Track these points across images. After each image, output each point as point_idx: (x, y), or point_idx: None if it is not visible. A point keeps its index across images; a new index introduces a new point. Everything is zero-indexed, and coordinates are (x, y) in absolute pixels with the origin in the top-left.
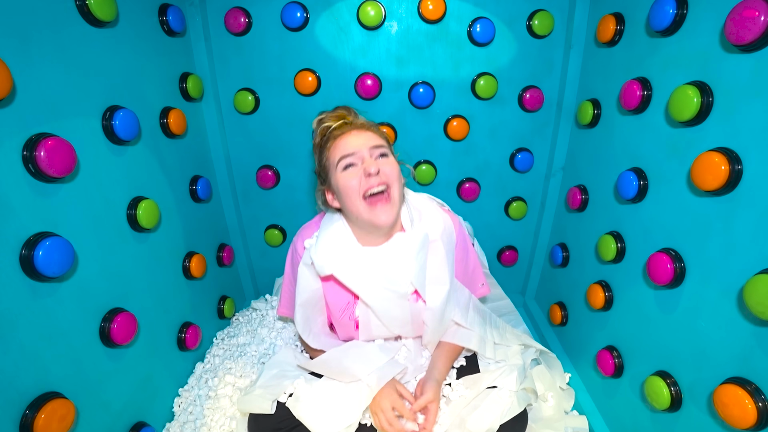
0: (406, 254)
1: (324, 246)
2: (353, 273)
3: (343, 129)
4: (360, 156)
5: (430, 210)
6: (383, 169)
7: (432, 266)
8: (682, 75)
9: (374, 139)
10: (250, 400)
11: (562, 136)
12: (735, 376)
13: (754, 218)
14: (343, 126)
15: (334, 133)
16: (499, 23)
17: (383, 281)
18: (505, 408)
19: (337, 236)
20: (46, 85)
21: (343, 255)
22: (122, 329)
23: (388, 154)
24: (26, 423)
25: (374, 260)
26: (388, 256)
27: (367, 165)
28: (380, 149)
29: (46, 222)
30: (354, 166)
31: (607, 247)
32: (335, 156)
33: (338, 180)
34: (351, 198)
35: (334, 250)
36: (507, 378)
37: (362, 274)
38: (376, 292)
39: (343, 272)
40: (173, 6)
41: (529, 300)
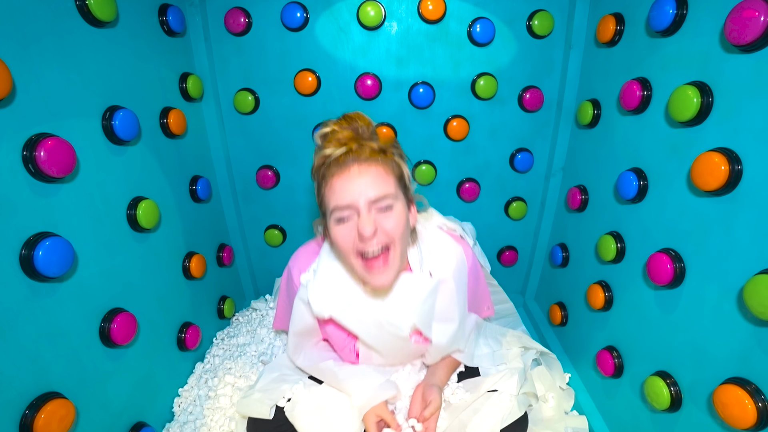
0: (412, 298)
1: (322, 287)
2: (353, 315)
3: (342, 166)
4: (356, 209)
5: (442, 245)
6: (383, 226)
7: (441, 305)
8: (682, 75)
9: (377, 186)
10: (249, 404)
11: (562, 136)
12: (735, 376)
13: (754, 218)
14: (345, 158)
15: (331, 170)
16: (499, 23)
17: (385, 324)
18: (506, 412)
19: (336, 276)
20: (46, 85)
21: (342, 297)
22: (122, 329)
23: (394, 204)
24: (26, 423)
25: (376, 302)
26: (392, 298)
27: (363, 225)
28: (383, 201)
29: (46, 222)
30: (349, 219)
31: (607, 247)
32: (329, 202)
33: (332, 231)
34: (345, 254)
35: (333, 292)
36: (507, 382)
37: (363, 316)
38: (378, 334)
39: (342, 315)
40: (173, 6)
41: (529, 300)
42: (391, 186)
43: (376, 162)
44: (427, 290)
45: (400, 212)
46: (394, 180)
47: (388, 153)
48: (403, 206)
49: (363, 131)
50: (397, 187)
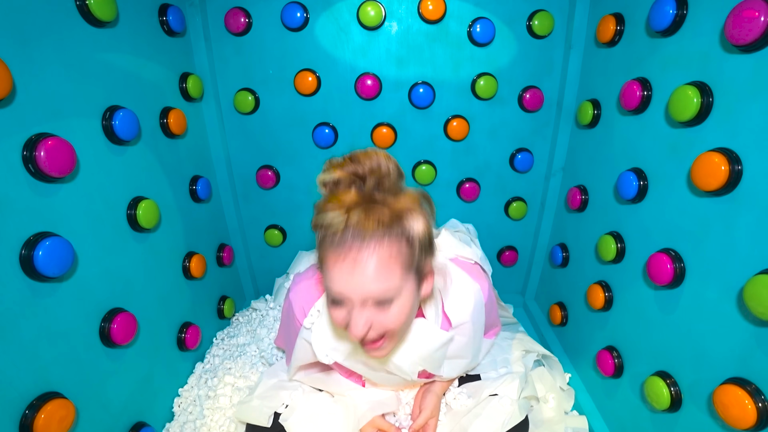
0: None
1: (327, 334)
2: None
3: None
4: (350, 302)
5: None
6: (379, 322)
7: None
8: (682, 75)
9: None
10: (247, 411)
11: (562, 136)
12: (735, 377)
13: (754, 218)
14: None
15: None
16: (499, 23)
17: (393, 368)
18: (507, 416)
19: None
20: (46, 85)
21: (347, 344)
22: (122, 329)
23: (395, 299)
24: (26, 423)
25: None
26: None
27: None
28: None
29: (46, 222)
30: (342, 306)
31: (607, 247)
32: (326, 281)
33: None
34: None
35: (338, 338)
36: (509, 386)
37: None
38: (385, 377)
39: (347, 361)
40: (173, 6)
41: (529, 300)
42: (396, 276)
43: (382, 240)
44: (440, 342)
45: (402, 304)
46: (400, 268)
47: (404, 218)
48: (410, 292)
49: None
50: (405, 272)
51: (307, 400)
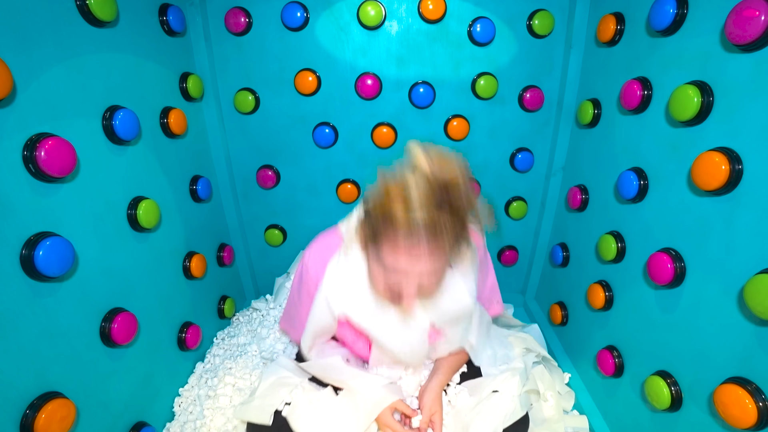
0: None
1: (341, 286)
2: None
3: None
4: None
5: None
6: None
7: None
8: (683, 75)
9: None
10: (248, 410)
11: (563, 136)
12: (735, 376)
13: (755, 218)
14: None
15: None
16: (500, 23)
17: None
18: (508, 412)
19: (356, 276)
20: (46, 85)
21: (361, 298)
22: (122, 329)
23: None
24: (26, 423)
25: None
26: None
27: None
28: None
29: (46, 222)
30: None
31: (608, 246)
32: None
33: (371, 264)
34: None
35: (352, 291)
36: (509, 382)
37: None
38: (394, 335)
39: (360, 316)
40: (173, 6)
41: (529, 300)
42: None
43: (446, 250)
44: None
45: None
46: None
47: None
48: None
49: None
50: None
51: (309, 398)
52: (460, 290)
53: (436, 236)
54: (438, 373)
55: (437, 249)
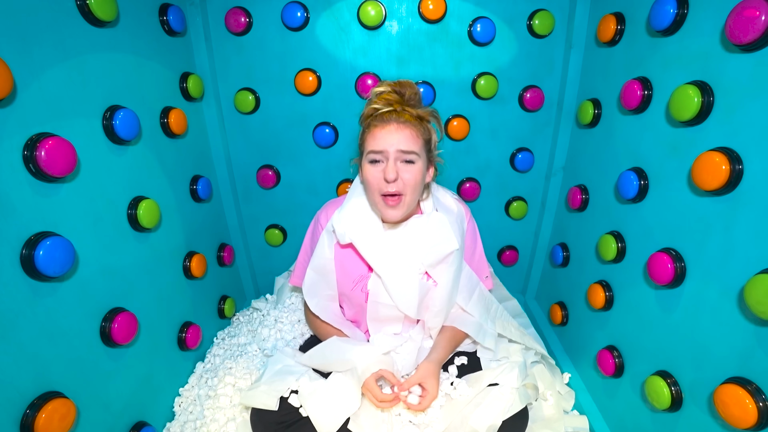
0: (422, 236)
1: (348, 215)
2: (371, 246)
3: (384, 120)
4: (386, 155)
5: (447, 200)
6: (402, 176)
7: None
8: (683, 75)
9: (406, 143)
10: (255, 396)
11: (563, 136)
12: (735, 376)
13: (755, 218)
14: (387, 116)
15: (375, 121)
16: (500, 23)
17: (398, 258)
18: (507, 404)
19: (361, 209)
20: (47, 84)
21: (363, 227)
22: (123, 329)
23: (415, 160)
24: (27, 422)
25: (391, 238)
26: (405, 236)
27: (388, 170)
28: (408, 155)
29: (46, 222)
30: (379, 162)
31: (608, 246)
32: (367, 146)
33: (364, 169)
34: (369, 190)
35: (357, 221)
36: (508, 375)
37: (379, 248)
38: (390, 266)
39: (361, 242)
40: (173, 6)
41: (529, 300)
42: (418, 146)
43: (411, 125)
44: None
45: (418, 168)
46: (421, 142)
47: (423, 120)
48: (423, 164)
49: (409, 98)
50: (422, 149)
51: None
52: (445, 231)
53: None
54: (436, 348)
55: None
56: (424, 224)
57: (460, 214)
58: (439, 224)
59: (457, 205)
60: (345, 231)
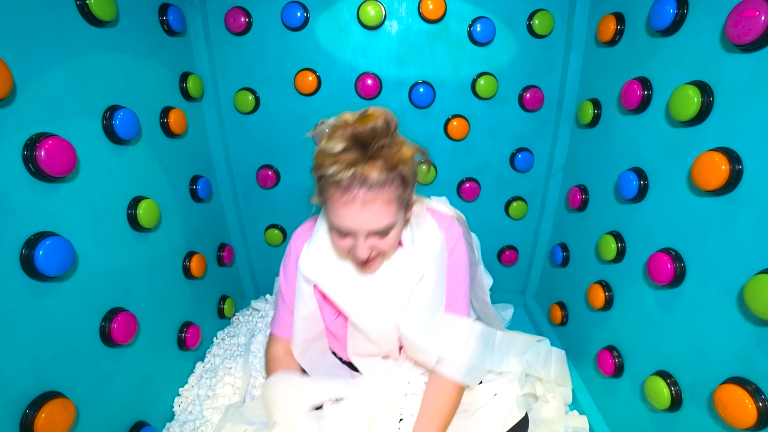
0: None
1: (315, 253)
2: (341, 291)
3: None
4: (355, 234)
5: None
6: (378, 247)
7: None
8: (683, 75)
9: (378, 219)
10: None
11: (563, 136)
12: (735, 376)
13: (755, 218)
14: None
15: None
16: (500, 23)
17: (370, 303)
18: (507, 415)
19: (329, 245)
20: (47, 84)
21: (332, 270)
22: (122, 329)
23: (391, 230)
24: (26, 422)
25: (363, 282)
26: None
27: (359, 251)
28: (383, 230)
29: (46, 222)
30: (347, 236)
31: (608, 246)
32: (330, 217)
33: (330, 234)
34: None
35: (325, 262)
36: (508, 386)
37: (350, 293)
38: (363, 312)
39: (329, 285)
40: (173, 6)
41: (529, 300)
42: (392, 214)
43: (382, 188)
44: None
45: (395, 233)
46: (396, 205)
47: (399, 165)
48: (400, 224)
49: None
50: (398, 209)
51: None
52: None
53: (366, 181)
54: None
55: (372, 195)
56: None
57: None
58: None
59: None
60: (311, 274)
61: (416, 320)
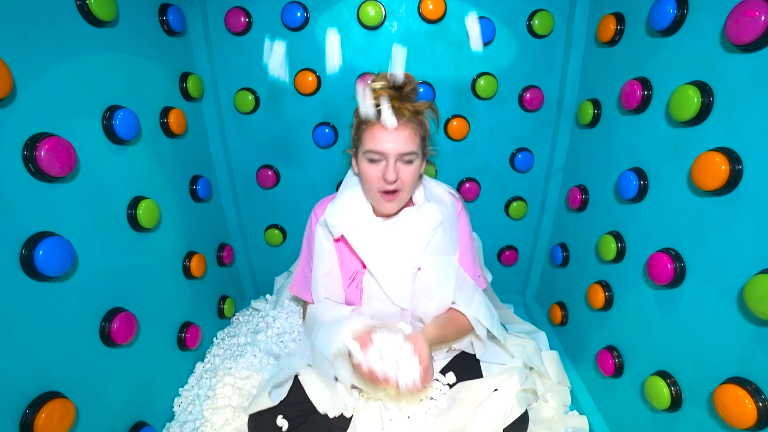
0: (414, 228)
1: (340, 207)
2: (363, 239)
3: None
4: (386, 156)
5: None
6: (401, 176)
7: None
8: (683, 75)
9: (407, 144)
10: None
11: (563, 136)
12: (735, 376)
13: (754, 218)
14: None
15: (371, 123)
16: (499, 23)
17: (390, 251)
18: (507, 410)
19: (353, 201)
20: (46, 84)
21: (355, 220)
22: (122, 329)
23: (414, 160)
24: (26, 422)
25: (384, 230)
26: (397, 227)
27: (388, 172)
28: (408, 156)
29: (46, 221)
30: (378, 162)
31: (607, 246)
32: (365, 144)
33: (362, 166)
34: (367, 185)
35: (349, 213)
36: (508, 381)
37: (371, 241)
38: (382, 260)
39: (353, 236)
40: (173, 6)
41: (529, 300)
42: (416, 145)
43: (410, 123)
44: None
45: (416, 166)
46: (419, 140)
47: (420, 115)
48: (420, 161)
49: (407, 93)
50: (419, 147)
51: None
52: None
53: (397, 111)
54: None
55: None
56: (414, 215)
57: (452, 205)
58: (429, 214)
59: (450, 197)
60: (336, 222)
61: (434, 262)
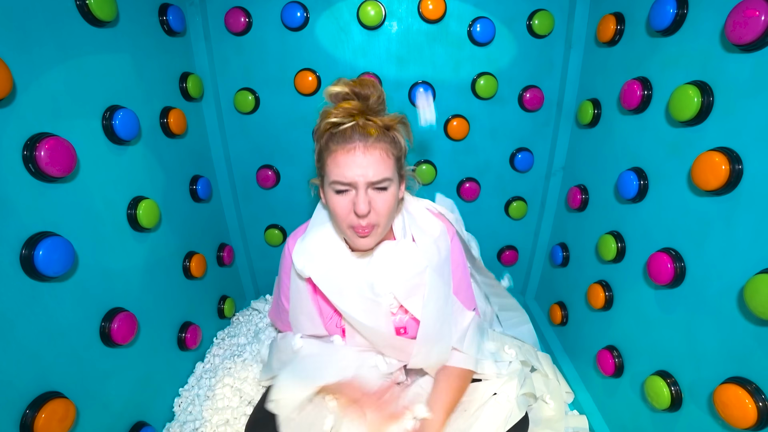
0: (393, 265)
1: (308, 248)
2: (334, 280)
3: (347, 141)
4: (355, 186)
5: (424, 217)
6: (376, 206)
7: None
8: (683, 75)
9: (378, 170)
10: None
11: (562, 136)
12: (735, 376)
13: (755, 218)
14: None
15: (336, 142)
16: (499, 23)
17: (365, 288)
18: (507, 414)
19: (323, 238)
20: (46, 84)
21: (326, 261)
22: (122, 329)
23: (388, 186)
24: (26, 423)
25: (359, 268)
26: (374, 264)
27: (359, 204)
28: (381, 183)
29: (46, 222)
30: (347, 193)
31: (608, 246)
32: (330, 173)
33: (329, 198)
34: (337, 220)
35: (317, 254)
36: (507, 385)
37: (344, 281)
38: (356, 302)
39: (322, 279)
40: (173, 6)
41: (529, 300)
42: (390, 169)
43: (380, 143)
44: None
45: (393, 193)
46: (392, 162)
47: (392, 130)
48: (396, 186)
49: (373, 103)
50: (394, 170)
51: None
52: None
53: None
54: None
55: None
56: (394, 251)
57: (442, 235)
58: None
59: (439, 226)
60: (304, 266)
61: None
